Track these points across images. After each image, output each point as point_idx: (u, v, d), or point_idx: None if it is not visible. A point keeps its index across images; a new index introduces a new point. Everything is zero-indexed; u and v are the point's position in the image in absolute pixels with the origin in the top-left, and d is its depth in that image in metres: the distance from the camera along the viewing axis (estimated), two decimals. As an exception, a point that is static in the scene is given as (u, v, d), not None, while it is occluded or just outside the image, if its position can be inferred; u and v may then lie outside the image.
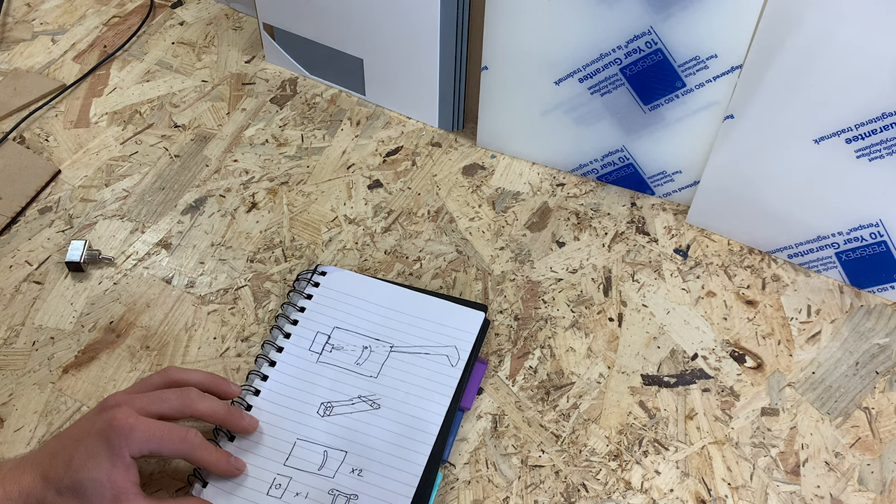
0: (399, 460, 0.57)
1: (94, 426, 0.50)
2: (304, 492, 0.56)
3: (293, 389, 0.61)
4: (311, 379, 0.61)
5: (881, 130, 0.60)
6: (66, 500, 0.49)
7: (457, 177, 0.78)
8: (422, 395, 0.60)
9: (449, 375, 0.61)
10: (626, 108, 0.71)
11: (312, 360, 0.62)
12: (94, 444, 0.49)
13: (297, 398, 0.60)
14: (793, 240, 0.70)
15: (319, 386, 0.61)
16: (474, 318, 0.65)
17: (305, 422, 0.59)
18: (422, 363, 0.62)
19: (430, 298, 0.66)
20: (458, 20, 0.73)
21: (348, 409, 0.60)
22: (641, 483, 0.59)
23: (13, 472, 0.50)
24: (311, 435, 0.58)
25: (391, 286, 0.67)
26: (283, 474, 0.56)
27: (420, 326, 0.64)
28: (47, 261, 0.70)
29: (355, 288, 0.67)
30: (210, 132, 0.81)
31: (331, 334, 0.64)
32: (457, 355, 0.62)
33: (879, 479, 0.59)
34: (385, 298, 0.66)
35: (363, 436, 0.58)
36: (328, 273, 0.68)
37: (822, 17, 0.58)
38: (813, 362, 0.65)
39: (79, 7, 0.95)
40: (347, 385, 0.61)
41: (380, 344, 0.63)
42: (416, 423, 0.59)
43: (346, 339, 0.64)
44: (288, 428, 0.59)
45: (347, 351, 0.63)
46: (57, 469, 0.49)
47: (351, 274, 0.68)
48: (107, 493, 0.49)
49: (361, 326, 0.64)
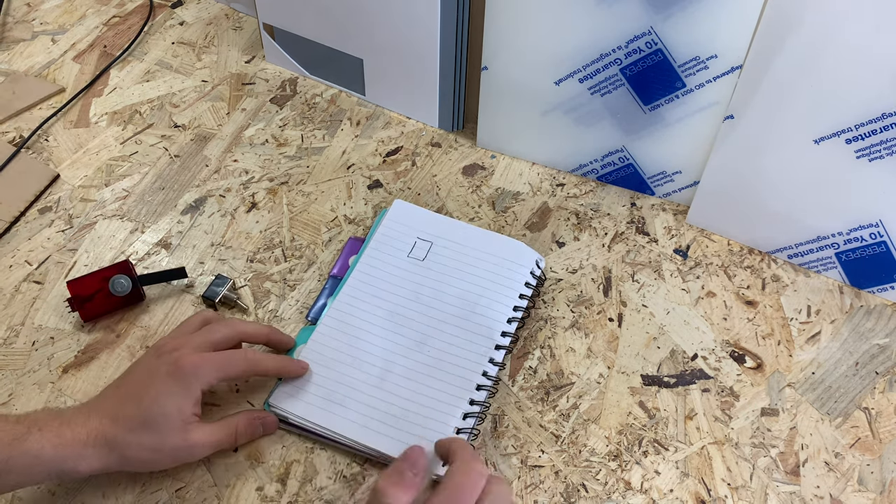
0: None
1: (160, 370, 0.55)
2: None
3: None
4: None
5: (881, 131, 0.60)
6: (136, 435, 0.53)
7: (457, 177, 0.78)
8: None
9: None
10: (626, 108, 0.71)
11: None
12: (166, 384, 0.54)
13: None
14: (793, 240, 0.70)
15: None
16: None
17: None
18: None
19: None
20: (458, 20, 0.73)
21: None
22: (641, 483, 0.59)
23: (77, 416, 0.53)
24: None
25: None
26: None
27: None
28: (47, 261, 0.70)
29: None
30: (210, 132, 0.81)
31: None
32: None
33: (879, 479, 0.59)
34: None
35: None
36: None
37: (822, 17, 0.58)
38: (813, 363, 0.65)
39: (79, 7, 0.95)
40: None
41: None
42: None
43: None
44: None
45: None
46: (127, 409, 0.53)
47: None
48: (177, 424, 0.54)
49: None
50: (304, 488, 0.58)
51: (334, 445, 0.60)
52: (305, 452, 0.60)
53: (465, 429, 0.59)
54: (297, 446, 0.60)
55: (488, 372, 0.62)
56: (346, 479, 0.59)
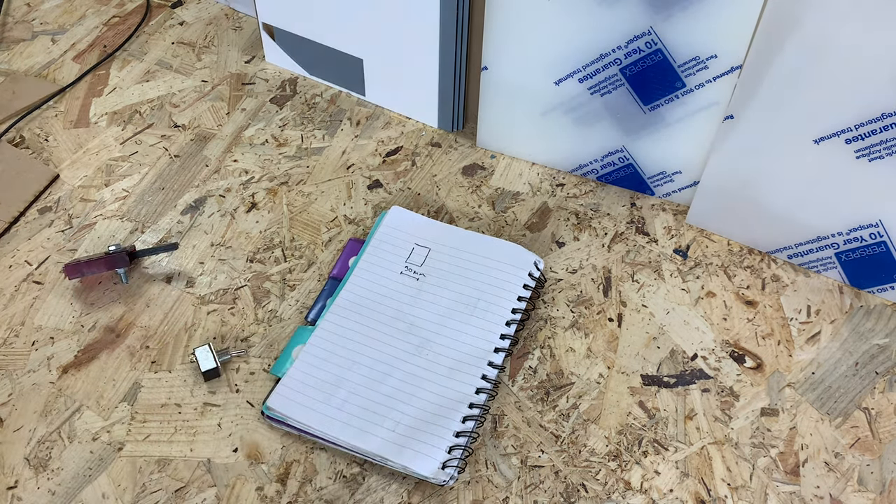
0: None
1: None
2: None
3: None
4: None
5: (881, 131, 0.60)
6: None
7: (457, 177, 0.78)
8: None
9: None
10: (626, 108, 0.71)
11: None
12: None
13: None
14: (792, 240, 0.70)
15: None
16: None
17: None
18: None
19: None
20: (458, 20, 0.73)
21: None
22: (641, 483, 0.59)
23: None
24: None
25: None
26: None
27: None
28: (47, 261, 0.70)
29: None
30: (210, 132, 0.81)
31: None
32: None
33: (879, 479, 0.59)
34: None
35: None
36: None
37: (822, 18, 0.57)
38: (812, 363, 0.65)
39: (79, 7, 0.95)
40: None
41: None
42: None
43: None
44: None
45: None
46: None
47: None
48: None
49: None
50: (304, 488, 0.58)
51: (334, 446, 0.60)
52: (305, 452, 0.60)
53: (464, 432, 0.59)
54: (297, 446, 0.60)
55: (487, 375, 0.62)
56: (346, 479, 0.59)
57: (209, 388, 0.63)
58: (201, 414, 0.61)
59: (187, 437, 0.60)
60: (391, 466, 0.58)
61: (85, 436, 0.60)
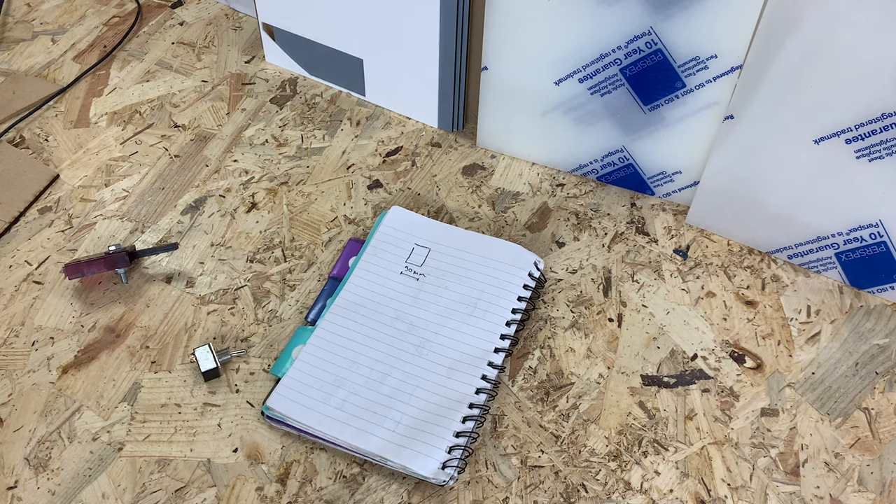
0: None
1: None
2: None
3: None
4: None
5: (881, 131, 0.60)
6: None
7: (457, 177, 0.78)
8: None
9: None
10: (626, 108, 0.71)
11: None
12: None
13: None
14: (792, 240, 0.70)
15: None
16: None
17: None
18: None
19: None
20: (458, 20, 0.73)
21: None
22: (641, 483, 0.59)
23: None
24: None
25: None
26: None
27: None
28: (47, 261, 0.70)
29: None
30: (210, 132, 0.81)
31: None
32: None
33: (879, 479, 0.59)
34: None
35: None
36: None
37: (822, 17, 0.57)
38: (813, 363, 0.65)
39: (79, 7, 0.95)
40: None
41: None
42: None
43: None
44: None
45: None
46: None
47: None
48: None
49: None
50: (304, 488, 0.58)
51: (334, 446, 0.60)
52: (305, 452, 0.60)
53: (464, 432, 0.59)
54: (297, 446, 0.60)
55: (487, 375, 0.62)
56: (346, 479, 0.59)
57: (209, 388, 0.63)
58: (201, 414, 0.62)
59: (187, 438, 0.60)
60: (391, 466, 0.58)
61: (85, 436, 0.60)
